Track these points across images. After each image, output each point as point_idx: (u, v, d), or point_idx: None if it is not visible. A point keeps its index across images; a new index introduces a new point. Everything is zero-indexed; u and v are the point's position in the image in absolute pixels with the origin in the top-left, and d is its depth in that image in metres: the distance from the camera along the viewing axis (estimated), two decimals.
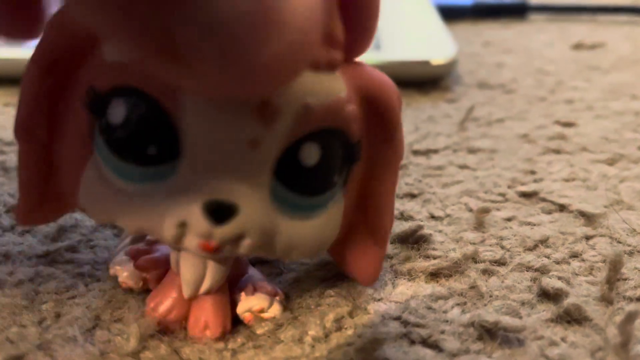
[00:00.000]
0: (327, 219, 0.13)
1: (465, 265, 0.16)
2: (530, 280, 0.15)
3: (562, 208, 0.19)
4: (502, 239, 0.17)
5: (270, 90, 0.11)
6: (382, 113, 0.13)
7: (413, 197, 0.19)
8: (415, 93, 0.29)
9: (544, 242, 0.17)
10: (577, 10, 0.43)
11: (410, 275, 0.15)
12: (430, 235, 0.17)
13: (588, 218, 0.18)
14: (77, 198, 0.12)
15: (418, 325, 0.13)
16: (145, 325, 0.13)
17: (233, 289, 0.14)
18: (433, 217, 0.18)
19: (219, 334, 0.13)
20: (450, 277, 0.15)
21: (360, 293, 0.15)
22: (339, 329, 0.13)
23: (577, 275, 0.15)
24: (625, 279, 0.15)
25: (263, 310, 0.14)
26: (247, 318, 0.14)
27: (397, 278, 0.15)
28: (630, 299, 0.14)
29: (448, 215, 0.18)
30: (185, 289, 0.13)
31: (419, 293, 0.15)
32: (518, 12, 0.43)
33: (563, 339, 0.13)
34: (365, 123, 0.13)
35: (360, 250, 0.14)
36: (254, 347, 0.13)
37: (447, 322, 0.14)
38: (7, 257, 0.16)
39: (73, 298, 0.14)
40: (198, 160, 0.11)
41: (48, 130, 0.12)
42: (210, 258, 0.13)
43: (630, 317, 0.13)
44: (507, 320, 0.13)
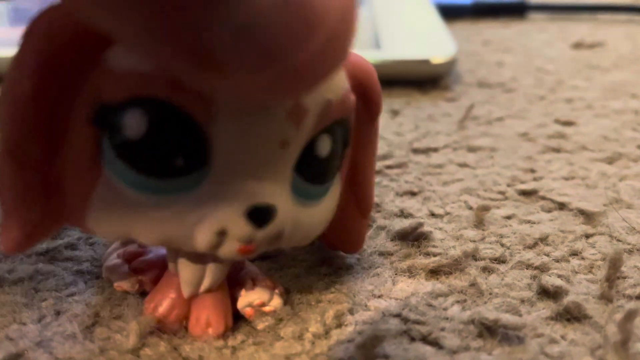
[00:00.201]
0: (330, 201, 0.13)
1: (465, 263, 0.16)
2: (530, 278, 0.15)
3: (561, 206, 0.19)
4: (502, 237, 0.17)
5: (306, 91, 0.10)
6: (368, 96, 0.13)
7: (413, 194, 0.19)
8: (415, 92, 0.29)
9: (544, 240, 0.17)
10: (576, 9, 0.43)
11: (411, 273, 0.15)
12: (431, 233, 0.17)
13: (588, 216, 0.18)
14: (83, 219, 0.11)
15: (418, 322, 0.13)
16: (145, 323, 0.13)
17: (232, 285, 0.14)
18: (433, 214, 0.18)
19: (222, 331, 0.13)
20: (451, 274, 0.15)
21: (361, 290, 0.15)
22: (339, 326, 0.13)
23: (576, 273, 0.15)
24: (625, 277, 0.15)
25: (264, 304, 0.14)
26: (248, 313, 0.14)
27: (397, 275, 0.15)
28: (630, 297, 0.14)
29: (448, 213, 0.18)
30: (185, 289, 0.13)
31: (419, 290, 0.15)
32: (518, 11, 0.43)
33: (563, 337, 0.13)
34: (357, 107, 0.13)
35: (348, 223, 0.14)
36: (254, 343, 0.13)
37: (447, 319, 0.14)
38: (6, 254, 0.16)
39: (73, 295, 0.14)
40: (230, 166, 0.11)
41: (44, 147, 0.11)
42: (212, 259, 0.13)
43: (630, 315, 0.13)
44: (507, 318, 0.13)
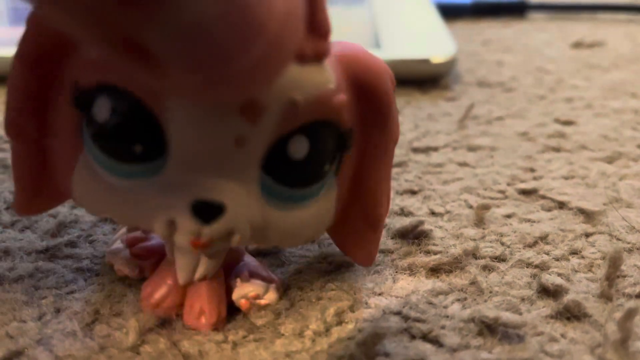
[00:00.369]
0: (319, 207, 0.13)
1: (466, 261, 0.16)
2: (530, 277, 0.15)
3: (561, 205, 0.19)
4: (502, 236, 0.17)
5: (253, 92, 0.10)
6: (374, 98, 0.12)
7: (413, 193, 0.19)
8: (415, 91, 0.29)
9: (544, 238, 0.17)
10: (576, 9, 0.43)
11: (411, 270, 0.15)
12: (431, 231, 0.17)
13: (587, 215, 0.18)
14: (70, 191, 0.12)
15: (418, 320, 0.13)
16: (145, 319, 0.13)
17: (229, 276, 0.14)
18: (433, 213, 0.18)
19: (214, 321, 0.13)
20: (451, 272, 0.15)
21: (361, 287, 0.15)
22: (340, 323, 0.13)
23: (576, 272, 0.15)
24: (625, 276, 0.15)
25: (258, 297, 0.14)
26: (243, 305, 0.14)
27: (397, 273, 0.15)
28: (630, 296, 0.14)
29: (448, 212, 0.18)
30: (180, 276, 0.13)
31: (420, 288, 0.15)
32: (518, 10, 0.43)
33: (563, 335, 0.13)
34: (358, 109, 0.12)
35: (357, 235, 0.14)
36: (254, 340, 0.13)
37: (447, 317, 0.14)
38: (7, 252, 0.16)
39: (72, 293, 0.14)
40: (184, 159, 0.11)
41: (38, 127, 0.12)
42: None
43: (630, 313, 0.13)
44: (507, 316, 0.13)
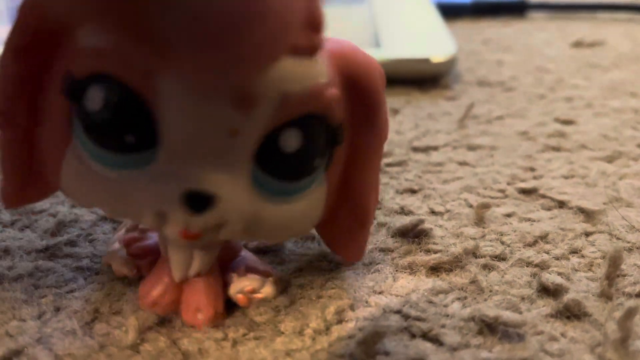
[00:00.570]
0: (309, 202, 0.13)
1: (466, 260, 0.16)
2: (530, 276, 0.15)
3: (561, 204, 0.19)
4: (502, 235, 0.17)
5: (249, 77, 0.10)
6: (364, 94, 0.12)
7: (413, 192, 0.19)
8: (415, 91, 0.29)
9: (544, 238, 0.17)
10: (576, 8, 0.43)
11: (411, 269, 0.15)
12: (431, 230, 0.17)
13: (587, 215, 0.18)
14: (59, 182, 0.12)
15: (419, 319, 0.13)
16: (144, 318, 0.13)
17: (226, 271, 0.14)
18: (433, 212, 0.18)
19: (211, 317, 0.13)
20: (451, 271, 0.15)
21: (362, 286, 0.15)
22: (340, 322, 0.13)
23: (576, 271, 0.15)
24: (625, 275, 0.15)
25: (255, 291, 0.14)
26: (240, 299, 0.14)
27: (397, 272, 0.15)
28: (630, 295, 0.14)
29: (448, 211, 0.18)
30: (175, 273, 0.13)
31: (420, 287, 0.15)
32: (518, 10, 0.43)
33: (563, 334, 0.13)
34: (349, 105, 0.12)
35: (345, 231, 0.14)
36: (254, 338, 0.13)
37: (447, 316, 0.14)
38: (6, 252, 0.16)
39: (72, 292, 0.14)
40: (175, 149, 0.11)
41: (28, 116, 0.12)
42: (197, 243, 0.13)
43: (630, 313, 0.13)
44: (507, 315, 0.13)
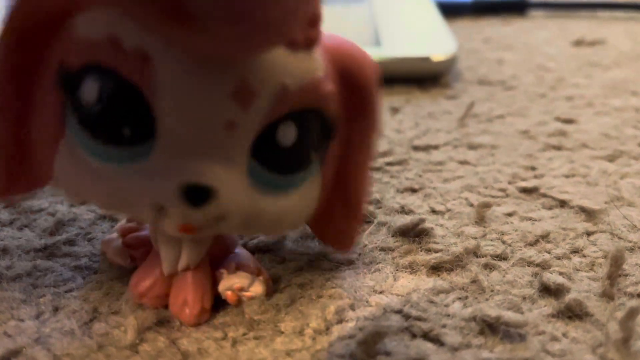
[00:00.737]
0: (304, 195, 0.13)
1: (467, 260, 0.16)
2: (532, 275, 0.15)
3: (562, 204, 0.19)
4: (503, 234, 0.17)
5: (267, 47, 0.10)
6: (358, 88, 0.13)
7: (414, 191, 0.19)
8: (416, 89, 0.29)
9: (545, 237, 0.17)
10: (576, 7, 0.43)
11: (412, 269, 0.15)
12: (432, 229, 0.17)
13: (589, 214, 0.18)
14: (51, 176, 0.12)
15: (419, 319, 0.13)
16: (143, 318, 0.13)
17: (217, 268, 0.14)
18: (434, 211, 0.18)
19: (197, 312, 0.13)
20: (452, 271, 0.15)
21: (362, 285, 0.15)
22: (340, 321, 0.13)
23: (578, 271, 0.15)
24: (626, 275, 0.15)
25: (243, 289, 0.14)
26: (229, 297, 0.14)
27: (398, 271, 0.15)
28: (632, 295, 0.14)
29: (449, 210, 0.18)
30: (165, 267, 0.13)
31: (421, 286, 0.15)
32: (518, 8, 0.43)
33: (564, 334, 0.13)
34: (343, 99, 0.12)
35: (337, 222, 0.14)
36: (254, 338, 0.13)
37: (448, 316, 0.14)
38: (5, 251, 0.16)
39: (71, 291, 0.14)
40: (173, 142, 0.11)
41: (20, 107, 0.12)
42: (187, 237, 0.13)
43: (632, 313, 0.13)
44: (508, 315, 0.13)
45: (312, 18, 0.11)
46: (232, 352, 0.13)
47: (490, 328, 0.13)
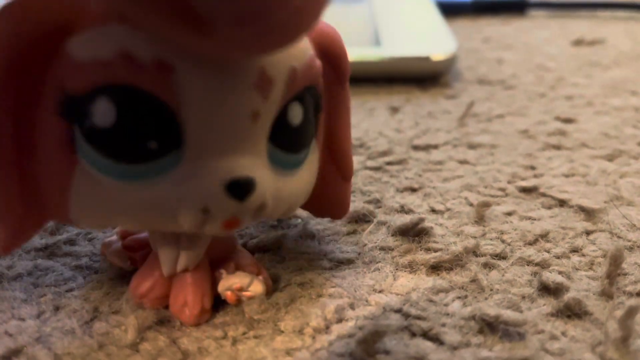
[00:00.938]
0: (309, 170, 0.13)
1: (466, 259, 0.16)
2: (531, 275, 0.15)
3: (562, 203, 0.19)
4: (502, 233, 0.17)
5: (286, 45, 0.11)
6: (335, 61, 0.13)
7: (413, 191, 0.19)
8: (415, 89, 0.29)
9: (545, 236, 0.17)
10: (576, 7, 0.43)
11: (412, 268, 0.15)
12: (431, 229, 0.17)
13: (588, 213, 0.18)
14: (66, 212, 0.11)
15: (419, 318, 0.13)
16: (144, 317, 0.13)
17: (216, 268, 0.14)
18: (434, 210, 0.18)
19: (197, 313, 0.13)
20: (451, 270, 0.15)
21: (362, 284, 0.15)
22: (340, 321, 0.13)
23: (577, 270, 0.15)
24: (626, 274, 0.15)
25: (243, 289, 0.14)
26: (228, 297, 0.14)
27: (398, 270, 0.15)
28: (631, 294, 0.14)
29: (448, 209, 0.18)
30: (164, 268, 0.13)
31: (420, 285, 0.15)
32: (518, 8, 0.43)
33: (563, 333, 0.13)
34: (323, 72, 0.13)
35: (331, 189, 0.15)
36: (254, 337, 0.13)
37: (448, 315, 0.14)
38: None
39: (71, 291, 0.14)
40: (204, 144, 0.11)
41: (18, 149, 0.11)
42: (185, 238, 0.13)
43: (631, 311, 0.13)
44: (507, 314, 0.13)
45: None
46: (232, 351, 0.13)
47: (490, 327, 0.13)
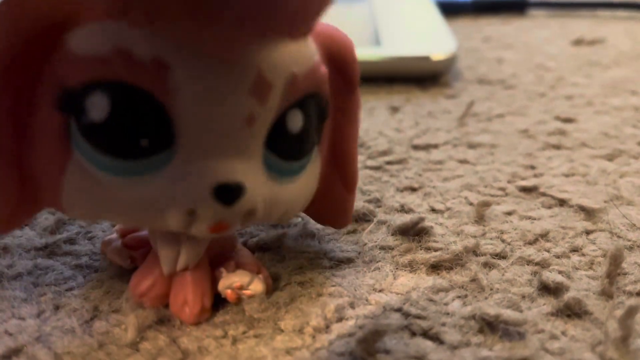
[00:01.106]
0: (310, 176, 0.13)
1: (466, 258, 0.16)
2: (531, 274, 0.15)
3: (562, 203, 0.19)
4: (502, 233, 0.17)
5: (307, 23, 0.11)
6: (344, 67, 0.13)
7: (413, 190, 0.19)
8: (415, 89, 0.29)
9: (544, 236, 0.17)
10: (576, 6, 0.43)
11: (412, 267, 0.15)
12: (431, 228, 0.17)
13: (588, 213, 0.18)
14: (58, 202, 0.12)
15: (419, 317, 0.13)
16: (144, 316, 0.13)
17: (216, 267, 0.14)
18: (434, 210, 0.18)
19: (197, 311, 0.13)
20: (451, 269, 0.15)
21: (362, 284, 0.15)
22: (340, 320, 0.13)
23: (577, 270, 0.15)
24: (626, 274, 0.15)
25: (243, 287, 0.14)
26: (229, 295, 0.14)
27: (398, 270, 0.15)
28: (631, 294, 0.14)
29: (449, 209, 0.18)
30: (164, 267, 0.13)
31: (420, 285, 0.15)
32: (518, 7, 0.43)
33: (563, 333, 0.13)
34: (330, 79, 0.13)
35: (333, 198, 0.15)
36: (254, 336, 0.13)
37: (448, 314, 0.14)
38: (6, 250, 0.16)
39: (71, 290, 0.14)
40: (195, 145, 0.11)
41: (16, 137, 0.11)
42: (185, 237, 0.13)
43: (631, 311, 0.13)
44: (507, 314, 0.13)
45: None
46: (232, 350, 0.13)
47: (490, 326, 0.13)
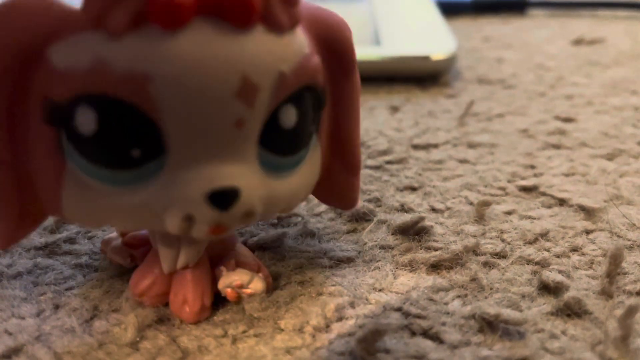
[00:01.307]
0: (309, 168, 0.13)
1: (466, 258, 0.16)
2: (531, 274, 0.15)
3: (562, 202, 0.19)
4: (502, 232, 0.17)
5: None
6: (340, 52, 0.13)
7: (413, 190, 0.19)
8: (415, 88, 0.29)
9: (544, 235, 0.17)
10: (576, 6, 0.43)
11: (412, 267, 0.15)
12: (431, 227, 0.17)
13: (588, 212, 0.18)
14: (60, 211, 0.12)
15: (419, 317, 0.13)
16: (143, 315, 0.13)
17: (216, 265, 0.14)
18: (434, 209, 0.18)
19: (197, 310, 0.13)
20: (451, 269, 0.15)
21: (362, 283, 0.15)
22: (340, 319, 0.13)
23: (577, 269, 0.15)
24: (625, 273, 0.15)
25: (243, 286, 0.14)
26: (228, 294, 0.14)
27: (398, 269, 0.15)
28: (630, 293, 0.14)
29: (449, 208, 0.18)
30: (164, 265, 0.13)
31: (420, 284, 0.15)
32: (518, 7, 0.43)
33: (563, 332, 0.13)
34: (326, 64, 0.13)
35: (339, 183, 0.14)
36: (254, 335, 0.13)
37: (448, 313, 0.14)
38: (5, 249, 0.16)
39: (71, 289, 0.14)
40: (186, 152, 0.11)
41: (12, 150, 0.11)
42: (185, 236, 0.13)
43: (631, 310, 0.13)
44: (507, 313, 0.13)
45: None
46: (232, 349, 0.13)
47: (490, 326, 0.13)
